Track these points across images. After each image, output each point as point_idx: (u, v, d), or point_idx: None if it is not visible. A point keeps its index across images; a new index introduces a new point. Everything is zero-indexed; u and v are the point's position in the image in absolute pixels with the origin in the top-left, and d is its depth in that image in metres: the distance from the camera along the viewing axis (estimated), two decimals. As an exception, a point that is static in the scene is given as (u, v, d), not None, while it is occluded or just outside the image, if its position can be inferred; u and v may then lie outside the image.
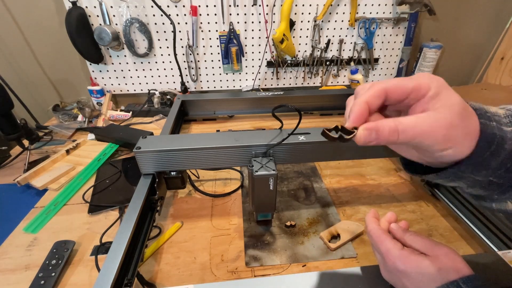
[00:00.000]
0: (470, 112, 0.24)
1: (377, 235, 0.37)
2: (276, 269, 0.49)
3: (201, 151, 0.52)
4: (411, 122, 0.24)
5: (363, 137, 0.24)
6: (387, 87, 0.25)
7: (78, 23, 0.93)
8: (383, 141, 0.24)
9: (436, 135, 0.23)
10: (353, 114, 0.25)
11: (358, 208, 0.62)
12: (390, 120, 0.24)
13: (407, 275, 0.32)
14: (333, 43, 1.13)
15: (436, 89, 0.24)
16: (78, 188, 0.69)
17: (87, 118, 1.00)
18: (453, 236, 0.55)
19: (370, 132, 0.24)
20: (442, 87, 0.24)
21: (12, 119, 0.72)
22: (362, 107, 0.25)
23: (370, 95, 0.25)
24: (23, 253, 0.53)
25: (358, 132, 0.24)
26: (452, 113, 0.23)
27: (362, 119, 0.25)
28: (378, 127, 0.24)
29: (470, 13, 1.17)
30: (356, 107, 0.25)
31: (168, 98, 1.08)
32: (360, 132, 0.24)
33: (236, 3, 1.00)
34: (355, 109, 0.25)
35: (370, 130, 0.24)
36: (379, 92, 0.25)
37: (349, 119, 0.25)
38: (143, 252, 0.47)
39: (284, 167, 0.76)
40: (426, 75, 0.25)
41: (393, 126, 0.24)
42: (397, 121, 0.24)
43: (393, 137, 0.24)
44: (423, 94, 0.24)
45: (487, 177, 0.25)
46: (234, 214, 0.61)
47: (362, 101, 0.25)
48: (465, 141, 0.24)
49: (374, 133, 0.24)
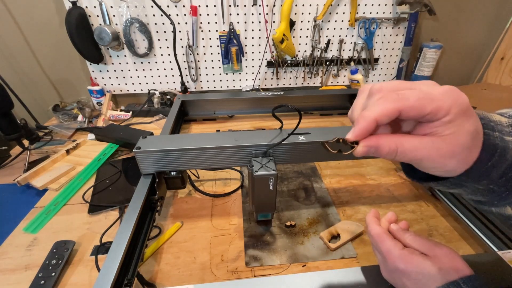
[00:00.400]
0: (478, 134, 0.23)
1: (378, 234, 0.37)
2: (276, 269, 0.49)
3: (201, 151, 0.52)
4: (412, 145, 0.23)
5: (361, 153, 0.24)
6: (403, 108, 0.22)
7: (78, 23, 0.93)
8: (381, 157, 0.24)
9: (435, 162, 0.23)
10: (358, 130, 0.23)
11: (358, 208, 0.62)
12: (391, 140, 0.23)
13: (407, 275, 0.32)
14: (333, 43, 1.13)
15: (454, 115, 0.22)
16: (78, 188, 0.69)
17: (87, 118, 1.00)
18: (453, 236, 0.55)
19: (369, 149, 0.24)
20: (460, 113, 0.22)
21: (12, 119, 0.72)
22: (369, 124, 0.23)
23: (382, 113, 0.23)
24: (23, 253, 0.53)
25: (357, 148, 0.24)
26: (459, 144, 0.22)
27: (365, 135, 0.24)
28: (379, 145, 0.23)
29: (470, 13, 1.17)
30: (363, 123, 0.23)
31: (168, 98, 1.08)
32: (359, 149, 0.24)
33: (236, 3, 1.00)
34: (362, 124, 0.23)
35: (369, 147, 0.24)
36: (392, 112, 0.22)
37: (353, 132, 0.24)
38: (143, 252, 0.47)
39: (284, 167, 0.76)
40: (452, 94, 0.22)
41: (393, 147, 0.23)
42: (399, 142, 0.23)
43: (391, 156, 0.24)
44: (438, 118, 0.22)
45: (488, 185, 0.25)
46: (234, 214, 0.61)
47: (372, 118, 0.23)
48: (467, 160, 0.23)
49: (373, 150, 0.24)
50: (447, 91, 0.22)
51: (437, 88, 0.23)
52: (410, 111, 0.22)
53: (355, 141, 0.24)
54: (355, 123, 0.24)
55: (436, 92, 0.22)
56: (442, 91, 0.22)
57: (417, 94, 0.22)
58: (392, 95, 0.23)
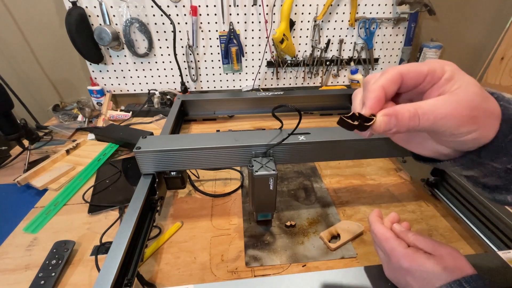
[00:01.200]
0: (487, 94, 0.23)
1: (382, 233, 0.37)
2: (276, 269, 0.49)
3: (201, 151, 0.52)
4: (430, 105, 0.22)
5: (383, 124, 0.23)
6: (402, 71, 0.23)
7: (78, 23, 0.93)
8: (404, 128, 0.22)
9: (459, 116, 0.22)
10: (370, 100, 0.23)
11: (358, 208, 0.62)
12: (408, 105, 0.23)
13: (411, 273, 0.32)
14: (333, 43, 1.13)
15: (451, 72, 0.23)
16: (78, 188, 0.69)
17: (87, 118, 1.00)
18: (453, 236, 0.55)
19: (390, 118, 0.22)
20: (456, 69, 0.23)
21: (12, 119, 0.72)
22: (378, 92, 0.23)
23: (386, 79, 0.23)
24: (23, 253, 0.53)
25: (377, 118, 0.23)
26: (471, 94, 0.22)
27: (379, 105, 0.23)
28: (398, 112, 0.22)
29: (470, 13, 1.17)
30: (372, 93, 0.23)
31: (168, 98, 1.08)
32: (379, 118, 0.23)
33: (236, 3, 1.00)
34: (371, 95, 0.23)
35: (389, 116, 0.22)
36: (395, 76, 0.23)
37: (365, 105, 0.23)
38: (143, 252, 0.47)
39: (284, 167, 0.76)
40: (437, 60, 0.24)
41: (412, 110, 0.22)
42: (416, 105, 0.22)
43: (414, 122, 0.22)
44: (438, 77, 0.23)
45: (506, 164, 0.24)
46: (234, 214, 0.61)
47: (378, 86, 0.23)
48: (489, 122, 0.23)
49: (394, 119, 0.22)
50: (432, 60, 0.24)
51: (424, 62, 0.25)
52: (411, 74, 0.23)
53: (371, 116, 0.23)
54: (365, 98, 0.24)
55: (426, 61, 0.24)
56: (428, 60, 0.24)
57: (409, 63, 0.24)
58: (387, 69, 0.24)
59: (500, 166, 0.24)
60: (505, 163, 0.24)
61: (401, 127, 0.22)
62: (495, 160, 0.24)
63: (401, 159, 0.73)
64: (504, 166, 0.24)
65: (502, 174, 0.25)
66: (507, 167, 0.24)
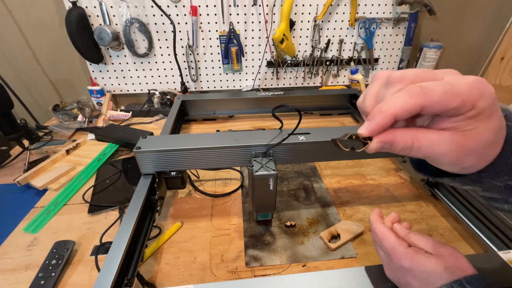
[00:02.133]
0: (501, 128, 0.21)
1: (383, 233, 0.37)
2: (276, 269, 0.49)
3: (201, 151, 0.52)
4: (430, 140, 0.21)
5: (374, 150, 0.22)
6: (426, 104, 0.20)
7: (78, 23, 0.93)
8: (394, 152, 0.22)
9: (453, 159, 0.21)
10: (374, 125, 0.21)
11: (358, 208, 0.62)
12: (407, 134, 0.21)
13: (412, 273, 0.32)
14: (333, 43, 1.13)
15: (479, 110, 0.20)
16: (78, 188, 0.69)
17: (87, 118, 1.00)
18: (453, 236, 0.55)
19: (384, 144, 0.22)
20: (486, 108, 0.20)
21: (12, 119, 0.72)
22: (387, 120, 0.21)
23: (402, 108, 0.20)
24: (23, 253, 0.53)
25: (371, 144, 0.22)
26: (481, 141, 0.20)
27: (381, 131, 0.22)
28: (394, 141, 0.21)
29: (470, 13, 1.17)
30: (380, 118, 0.21)
31: (168, 98, 1.08)
32: (373, 145, 0.22)
33: (236, 3, 1.00)
34: (378, 119, 0.21)
35: (384, 143, 0.22)
36: (414, 108, 0.20)
37: (367, 127, 0.21)
38: (143, 252, 0.47)
39: (284, 167, 0.76)
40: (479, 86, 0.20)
41: (409, 142, 0.21)
42: (415, 136, 0.21)
43: (405, 152, 0.22)
44: (462, 113, 0.20)
45: (506, 181, 0.24)
46: (234, 214, 0.61)
47: (390, 113, 0.20)
48: (487, 156, 0.22)
49: (387, 146, 0.22)
50: (474, 82, 0.20)
51: (463, 79, 0.20)
52: (434, 107, 0.20)
53: (368, 136, 0.22)
54: (370, 117, 0.21)
55: (463, 84, 0.20)
56: (469, 82, 0.20)
57: (443, 87, 0.20)
58: (415, 88, 0.20)
59: (500, 184, 0.24)
60: (506, 180, 0.23)
61: (392, 151, 0.22)
62: (495, 179, 0.23)
63: (401, 159, 0.73)
64: (504, 183, 0.24)
65: (502, 190, 0.25)
66: (507, 184, 0.24)
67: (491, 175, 0.23)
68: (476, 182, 0.24)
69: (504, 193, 0.25)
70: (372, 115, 0.21)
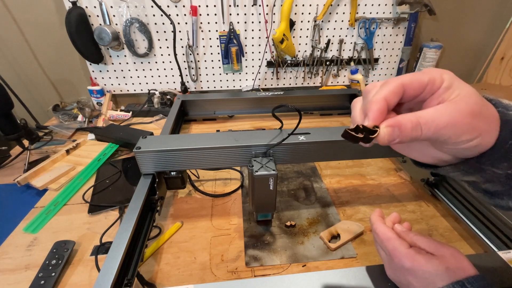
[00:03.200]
0: (486, 102, 0.23)
1: (384, 233, 0.37)
2: (276, 269, 0.49)
3: (201, 151, 0.52)
4: (431, 114, 0.22)
5: (387, 135, 0.23)
6: (404, 82, 0.23)
7: (78, 23, 0.93)
8: (407, 138, 0.23)
9: (460, 124, 0.22)
10: (373, 112, 0.23)
11: (358, 208, 0.62)
12: (410, 115, 0.23)
13: (413, 273, 0.32)
14: (333, 43, 1.13)
15: (449, 80, 0.23)
16: (78, 188, 0.69)
17: (87, 118, 1.00)
18: (453, 236, 0.55)
19: (393, 129, 0.23)
20: (454, 78, 0.23)
21: (12, 119, 0.72)
22: (381, 104, 0.23)
23: (388, 91, 0.23)
24: (23, 253, 0.53)
25: (380, 130, 0.23)
26: (471, 101, 0.22)
27: (382, 117, 0.23)
28: (400, 123, 0.22)
29: (470, 13, 1.17)
30: (375, 105, 0.23)
31: (168, 98, 1.08)
32: (383, 130, 0.23)
33: (236, 3, 1.00)
34: (373, 106, 0.23)
35: (392, 127, 0.23)
36: (397, 87, 0.23)
37: (368, 117, 0.23)
38: (143, 252, 0.47)
39: (284, 167, 0.76)
40: (435, 69, 0.24)
41: (414, 120, 0.22)
42: (417, 115, 0.23)
43: (417, 132, 0.22)
44: (437, 86, 0.23)
45: (506, 170, 0.24)
46: (234, 214, 0.61)
47: (381, 97, 0.23)
48: (489, 129, 0.23)
49: (397, 130, 0.22)
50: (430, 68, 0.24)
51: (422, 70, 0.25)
52: (412, 84, 0.23)
53: (375, 127, 0.23)
54: (367, 110, 0.24)
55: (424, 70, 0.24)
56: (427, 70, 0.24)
57: (410, 74, 0.24)
58: (388, 80, 0.24)
59: (501, 171, 0.24)
60: (506, 168, 0.24)
61: (404, 138, 0.23)
62: (495, 165, 0.24)
63: (401, 159, 0.73)
64: (504, 172, 0.24)
65: (503, 180, 0.25)
66: (507, 173, 0.24)
67: (491, 161, 0.24)
68: (476, 170, 0.25)
69: (506, 184, 0.25)
70: (367, 108, 0.24)
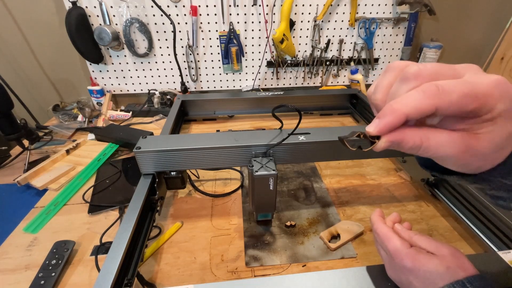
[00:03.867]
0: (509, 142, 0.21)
1: (385, 233, 0.37)
2: (276, 269, 0.49)
3: (201, 151, 0.52)
4: (439, 141, 0.20)
5: (382, 149, 0.22)
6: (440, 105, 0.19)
7: (78, 23, 0.93)
8: (402, 150, 0.22)
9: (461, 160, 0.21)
10: (385, 125, 0.20)
11: (358, 208, 0.62)
12: (417, 134, 0.21)
13: (414, 273, 0.32)
14: (333, 43, 1.13)
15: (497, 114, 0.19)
16: (78, 188, 0.69)
17: (87, 118, 1.00)
18: (453, 236, 0.55)
19: (392, 144, 0.21)
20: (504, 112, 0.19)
21: (12, 119, 0.72)
22: (398, 120, 0.20)
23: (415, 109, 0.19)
24: (23, 253, 0.53)
25: (379, 143, 0.21)
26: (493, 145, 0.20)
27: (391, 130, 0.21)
28: (403, 140, 0.21)
29: (470, 13, 1.17)
30: (391, 117, 0.20)
31: (168, 98, 1.08)
32: (381, 144, 0.21)
33: (236, 3, 1.00)
34: (389, 118, 0.20)
35: (392, 142, 0.21)
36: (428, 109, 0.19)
37: (377, 125, 0.21)
38: (143, 252, 0.47)
39: (284, 167, 0.76)
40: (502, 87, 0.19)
41: (418, 142, 0.21)
42: (425, 136, 0.20)
43: (413, 151, 0.21)
44: (478, 115, 0.19)
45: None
46: (234, 214, 0.61)
47: (402, 112, 0.19)
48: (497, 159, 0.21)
49: (395, 145, 0.21)
50: (495, 83, 0.18)
51: (484, 79, 0.19)
52: (449, 109, 0.19)
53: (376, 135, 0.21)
54: (381, 115, 0.20)
55: (483, 84, 0.18)
56: (490, 83, 0.18)
57: (461, 87, 0.18)
58: (431, 88, 0.19)
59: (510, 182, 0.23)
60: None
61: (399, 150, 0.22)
62: (505, 177, 0.23)
63: (401, 159, 0.73)
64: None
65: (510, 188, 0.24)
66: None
67: (501, 174, 0.22)
68: (484, 180, 0.23)
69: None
70: (383, 113, 0.20)
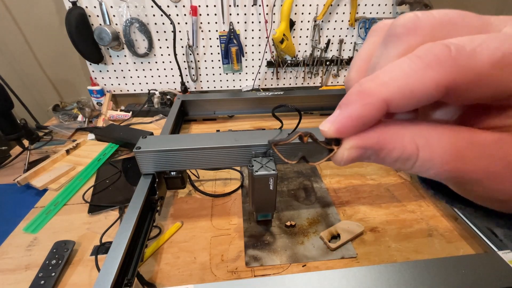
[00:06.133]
0: None
1: None
2: (276, 269, 0.49)
3: (201, 151, 0.52)
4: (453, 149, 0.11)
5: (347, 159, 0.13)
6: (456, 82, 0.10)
7: (78, 23, 0.93)
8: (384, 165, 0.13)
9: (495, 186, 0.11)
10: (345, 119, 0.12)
11: (358, 208, 0.62)
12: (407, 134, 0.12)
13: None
14: (333, 43, 1.13)
15: None
16: (78, 188, 0.69)
17: (87, 118, 1.00)
18: (453, 236, 0.55)
19: (364, 152, 0.12)
20: None
21: (12, 119, 0.72)
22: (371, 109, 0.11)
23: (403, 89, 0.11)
24: (23, 253, 0.53)
25: (341, 151, 0.13)
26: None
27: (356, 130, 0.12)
28: (382, 146, 0.12)
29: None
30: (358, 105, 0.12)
31: (168, 98, 1.08)
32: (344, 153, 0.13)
33: (236, 3, 1.00)
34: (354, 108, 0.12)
35: (364, 150, 0.12)
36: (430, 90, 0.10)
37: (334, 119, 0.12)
38: (143, 252, 0.47)
39: (284, 167, 0.76)
40: None
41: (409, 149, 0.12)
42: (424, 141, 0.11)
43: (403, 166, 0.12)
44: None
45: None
46: (234, 214, 0.61)
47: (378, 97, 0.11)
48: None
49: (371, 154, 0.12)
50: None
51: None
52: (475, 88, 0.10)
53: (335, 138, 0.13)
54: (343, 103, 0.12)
55: None
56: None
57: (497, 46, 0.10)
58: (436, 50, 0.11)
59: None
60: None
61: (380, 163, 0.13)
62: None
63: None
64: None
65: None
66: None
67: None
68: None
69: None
70: (345, 100, 0.12)
